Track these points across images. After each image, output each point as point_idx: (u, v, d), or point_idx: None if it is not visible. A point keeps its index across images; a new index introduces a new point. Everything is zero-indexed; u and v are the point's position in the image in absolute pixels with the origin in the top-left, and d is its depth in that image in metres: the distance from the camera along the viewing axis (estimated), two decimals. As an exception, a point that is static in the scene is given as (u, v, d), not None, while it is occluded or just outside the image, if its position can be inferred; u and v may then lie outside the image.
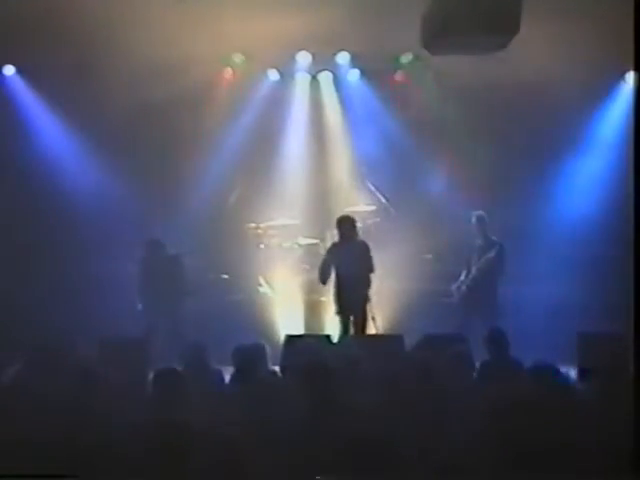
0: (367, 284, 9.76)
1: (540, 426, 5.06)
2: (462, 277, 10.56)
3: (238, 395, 5.99)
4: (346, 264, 9.67)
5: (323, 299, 11.32)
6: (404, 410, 5.40)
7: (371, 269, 9.81)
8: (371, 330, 9.88)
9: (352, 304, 9.72)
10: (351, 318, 9.78)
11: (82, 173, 11.74)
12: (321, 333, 10.26)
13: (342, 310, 9.78)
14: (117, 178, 11.45)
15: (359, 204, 12.14)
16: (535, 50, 10.16)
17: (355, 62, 12.10)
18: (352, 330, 9.78)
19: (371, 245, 9.98)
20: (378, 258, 9.98)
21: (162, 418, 5.09)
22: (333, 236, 11.64)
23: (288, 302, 11.51)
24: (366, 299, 9.72)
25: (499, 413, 5.37)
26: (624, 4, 7.44)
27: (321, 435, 5.07)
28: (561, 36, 9.98)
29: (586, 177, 11.93)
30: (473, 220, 10.52)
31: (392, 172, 12.04)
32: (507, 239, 10.84)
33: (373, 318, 9.81)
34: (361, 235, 10.15)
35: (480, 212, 10.55)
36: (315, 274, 10.08)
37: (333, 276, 9.81)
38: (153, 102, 11.53)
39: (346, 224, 9.88)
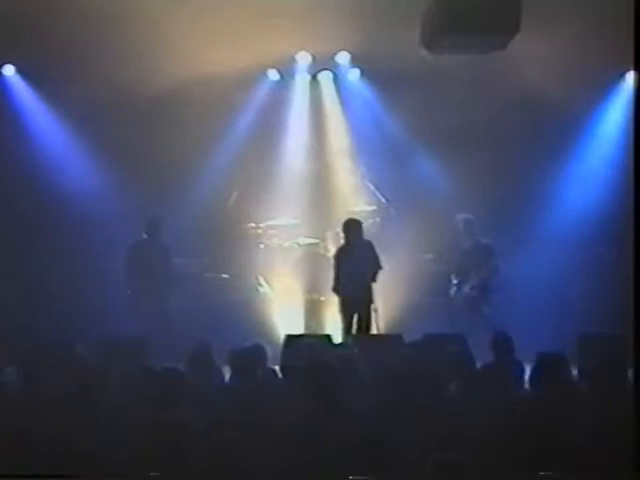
0: (373, 282, 9.83)
1: (540, 426, 5.07)
2: (455, 281, 10.79)
3: (238, 395, 6.00)
4: (353, 266, 9.73)
5: (323, 299, 11.32)
6: (404, 410, 5.40)
7: (379, 265, 9.90)
8: (373, 324, 9.92)
9: (357, 303, 9.77)
10: (355, 317, 9.83)
11: (81, 173, 11.73)
12: (321, 333, 10.27)
13: (346, 309, 9.81)
14: (117, 178, 11.45)
15: (359, 204, 12.13)
16: (535, 50, 10.15)
17: (355, 62, 12.09)
18: (355, 329, 9.82)
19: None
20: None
21: (163, 418, 5.09)
22: (333, 236, 11.69)
23: (288, 302, 11.50)
24: (371, 297, 9.79)
25: (499, 413, 5.38)
26: (624, 4, 7.45)
27: (321, 435, 5.07)
28: (561, 36, 9.97)
29: (586, 177, 11.92)
30: (460, 225, 10.75)
31: (392, 172, 12.03)
32: (506, 239, 10.85)
33: (375, 310, 9.87)
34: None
35: (467, 215, 10.78)
36: (315, 274, 10.08)
37: (339, 276, 9.90)
38: (153, 102, 11.54)
39: (353, 227, 9.93)
